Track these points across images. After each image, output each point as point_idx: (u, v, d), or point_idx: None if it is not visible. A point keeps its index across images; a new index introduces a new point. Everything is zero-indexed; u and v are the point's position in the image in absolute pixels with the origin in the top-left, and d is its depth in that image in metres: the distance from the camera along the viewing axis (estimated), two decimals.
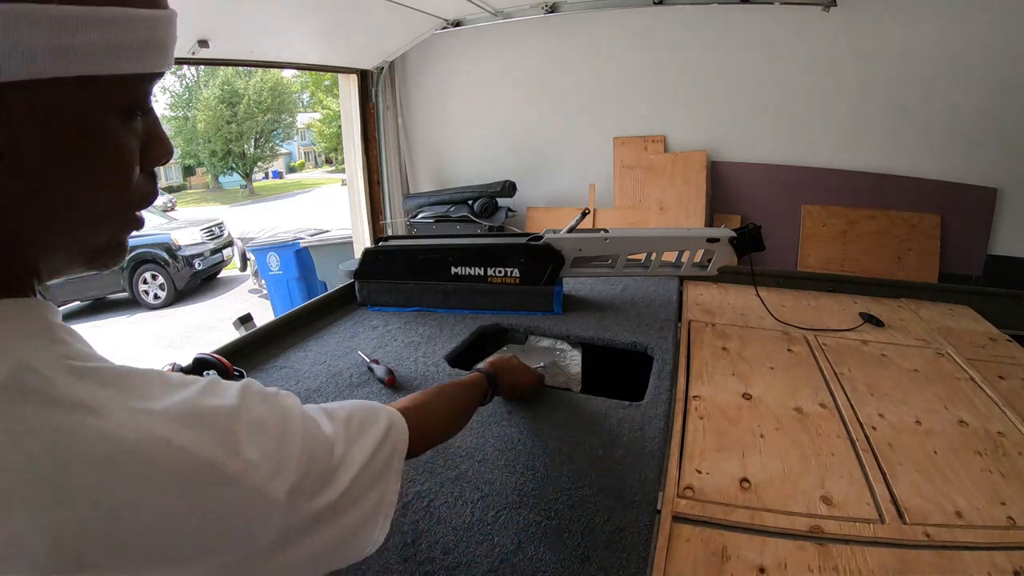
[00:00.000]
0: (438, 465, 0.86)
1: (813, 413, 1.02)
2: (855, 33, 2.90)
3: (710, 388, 1.10)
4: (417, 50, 3.60)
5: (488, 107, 3.87)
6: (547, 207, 3.81)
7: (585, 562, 0.68)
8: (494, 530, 0.73)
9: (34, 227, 0.31)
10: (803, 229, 3.20)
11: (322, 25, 2.79)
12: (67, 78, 0.28)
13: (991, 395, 1.10)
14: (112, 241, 0.36)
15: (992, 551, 0.71)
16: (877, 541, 0.72)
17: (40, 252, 0.33)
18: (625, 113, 3.53)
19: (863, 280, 1.76)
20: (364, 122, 3.64)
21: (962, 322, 1.52)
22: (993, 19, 2.65)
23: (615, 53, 3.44)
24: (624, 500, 0.78)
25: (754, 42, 3.12)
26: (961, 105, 2.82)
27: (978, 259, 2.95)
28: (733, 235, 1.39)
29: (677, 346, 1.28)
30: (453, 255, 1.45)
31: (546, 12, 3.08)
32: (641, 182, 3.51)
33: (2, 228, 0.30)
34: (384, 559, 0.69)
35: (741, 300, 1.61)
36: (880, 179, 3.06)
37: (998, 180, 2.87)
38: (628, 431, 0.93)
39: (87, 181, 0.32)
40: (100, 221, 0.34)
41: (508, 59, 3.69)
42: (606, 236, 1.42)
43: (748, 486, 0.83)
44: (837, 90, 3.04)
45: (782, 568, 0.68)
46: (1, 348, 0.28)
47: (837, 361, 1.23)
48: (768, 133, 3.23)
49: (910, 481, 0.84)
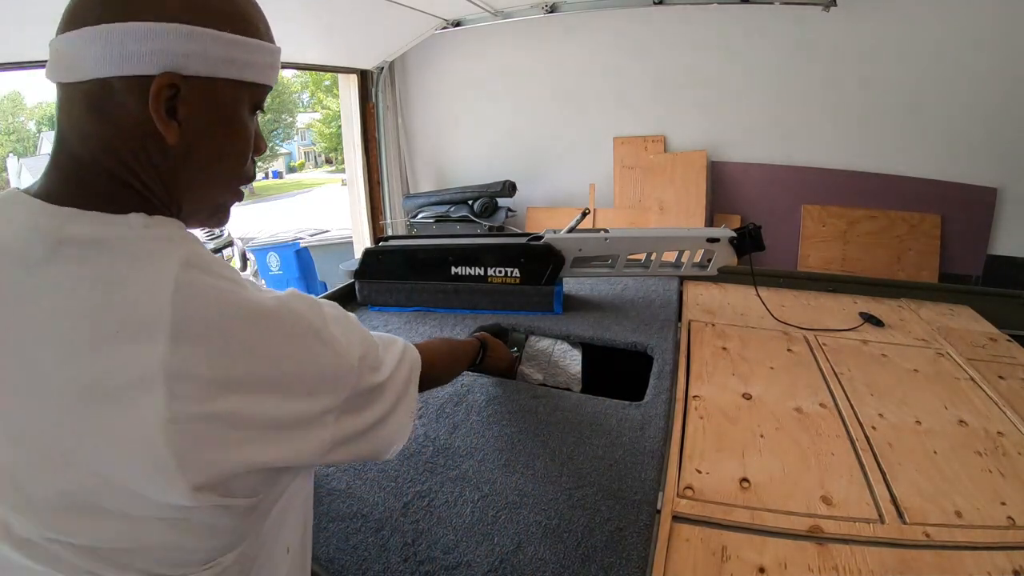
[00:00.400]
0: (438, 465, 0.86)
1: (813, 413, 1.02)
2: (855, 33, 2.90)
3: (710, 388, 1.10)
4: (417, 50, 3.59)
5: (488, 107, 3.87)
6: (547, 207, 3.81)
7: (585, 562, 0.68)
8: (494, 530, 0.73)
9: (184, 184, 0.44)
10: (803, 229, 3.20)
11: (322, 25, 2.79)
12: (229, 79, 0.43)
13: (991, 395, 1.10)
14: (227, 203, 0.50)
15: (992, 551, 0.71)
16: (877, 541, 0.72)
17: (182, 204, 0.45)
18: (625, 113, 3.53)
19: (863, 280, 1.76)
20: (364, 122, 3.63)
21: (962, 322, 1.52)
22: (993, 18, 2.65)
23: (615, 53, 3.44)
24: (624, 500, 0.78)
25: (754, 42, 3.12)
26: (961, 105, 2.82)
27: (978, 259, 2.95)
28: (733, 235, 1.39)
29: (677, 346, 1.28)
30: (453, 255, 1.45)
31: (546, 12, 3.08)
32: (641, 182, 3.51)
33: (163, 188, 0.43)
34: (384, 558, 0.69)
35: (741, 300, 1.61)
36: (880, 179, 3.06)
37: (998, 180, 2.87)
38: (628, 431, 0.93)
39: (225, 155, 0.46)
40: (225, 186, 0.48)
41: (508, 59, 3.69)
42: (606, 236, 1.42)
43: (748, 486, 0.83)
44: (837, 90, 3.04)
45: (782, 568, 0.68)
46: (177, 241, 0.41)
47: (837, 361, 1.23)
48: (768, 133, 3.23)
49: (910, 481, 0.84)
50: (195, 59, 0.40)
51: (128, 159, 0.41)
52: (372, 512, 0.77)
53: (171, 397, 0.35)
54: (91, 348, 0.35)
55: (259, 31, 0.44)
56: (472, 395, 1.05)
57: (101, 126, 0.40)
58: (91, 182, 0.41)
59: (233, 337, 0.38)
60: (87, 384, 0.35)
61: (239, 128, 0.45)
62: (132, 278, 0.37)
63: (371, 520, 0.76)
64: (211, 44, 0.40)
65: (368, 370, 0.48)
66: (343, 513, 0.77)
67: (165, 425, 0.35)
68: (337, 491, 0.81)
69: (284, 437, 0.40)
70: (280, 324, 0.41)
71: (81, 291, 0.36)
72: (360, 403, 0.48)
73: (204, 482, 0.36)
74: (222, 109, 0.43)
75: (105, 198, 0.40)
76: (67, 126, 0.41)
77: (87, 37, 0.38)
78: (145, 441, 0.35)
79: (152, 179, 0.42)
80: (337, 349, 0.45)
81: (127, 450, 0.35)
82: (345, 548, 0.71)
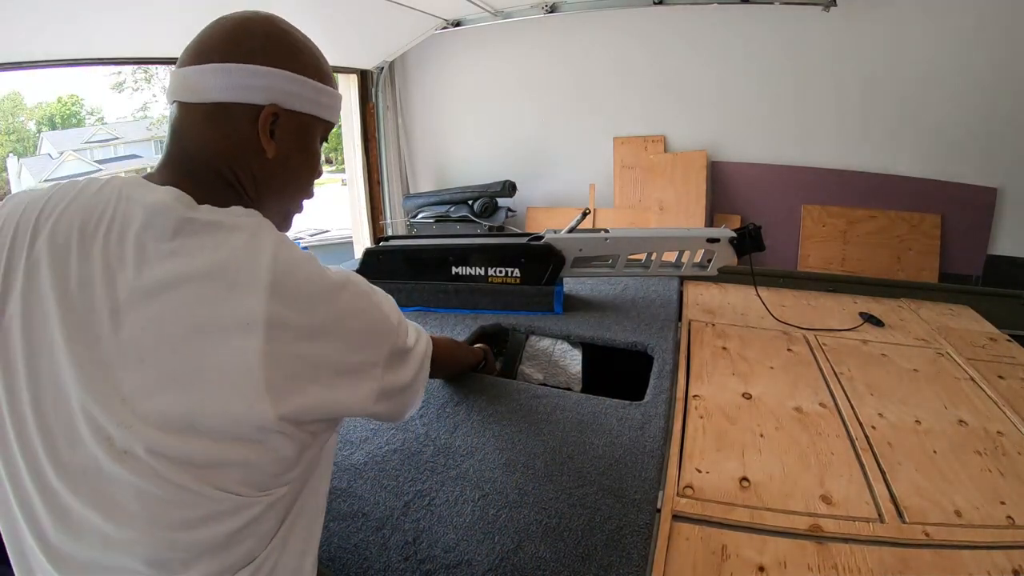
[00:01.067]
0: (439, 464, 0.86)
1: (813, 413, 1.03)
2: (855, 33, 2.90)
3: (710, 388, 1.10)
4: (417, 50, 3.59)
5: (488, 107, 3.87)
6: (547, 207, 3.81)
7: (585, 561, 0.68)
8: (495, 529, 0.73)
9: (270, 190, 0.57)
10: (803, 229, 3.20)
11: (322, 25, 2.79)
12: (312, 115, 0.57)
13: (991, 395, 1.10)
14: (293, 211, 0.62)
15: (991, 550, 0.71)
16: (876, 540, 0.73)
17: (266, 206, 0.55)
18: (625, 113, 3.52)
19: (863, 280, 1.77)
20: (364, 122, 3.63)
21: (962, 322, 1.52)
22: (993, 18, 2.65)
23: (615, 53, 3.43)
24: (624, 499, 0.78)
25: (754, 42, 3.11)
26: (961, 105, 2.82)
27: (978, 259, 2.94)
28: (733, 235, 1.39)
29: (677, 346, 1.28)
30: (453, 255, 1.45)
31: (546, 12, 3.07)
32: (641, 182, 3.51)
33: (256, 191, 0.56)
34: (385, 557, 0.70)
35: (741, 300, 1.61)
36: (880, 179, 3.05)
37: (998, 180, 2.86)
38: (628, 431, 0.93)
39: (301, 172, 0.59)
40: (294, 197, 0.61)
41: (508, 59, 3.69)
42: (606, 236, 1.42)
43: (748, 485, 0.83)
44: (837, 90, 3.03)
45: (781, 567, 0.68)
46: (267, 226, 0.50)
47: (837, 361, 1.23)
48: (768, 133, 3.23)
49: (910, 480, 0.84)
50: (293, 97, 0.54)
51: (235, 164, 0.54)
52: (373, 511, 0.77)
53: (268, 339, 0.44)
54: (210, 296, 0.45)
55: (333, 82, 0.60)
56: (472, 395, 1.05)
57: (217, 138, 0.53)
58: (203, 178, 0.52)
59: (314, 296, 0.48)
60: (203, 323, 0.44)
61: (313, 152, 0.60)
62: (241, 248, 0.47)
63: (372, 519, 0.76)
64: (305, 88, 0.55)
65: (402, 334, 0.58)
66: (344, 512, 0.77)
67: (262, 359, 0.44)
68: (338, 490, 0.81)
69: (346, 382, 0.50)
70: (344, 289, 0.51)
71: (203, 256, 0.46)
72: (396, 362, 0.57)
73: (286, 412, 0.45)
74: (305, 136, 0.57)
75: (212, 192, 0.51)
76: (183, 134, 0.53)
77: (214, 70, 0.51)
78: (246, 370, 0.44)
79: (249, 182, 0.55)
80: (384, 310, 0.55)
81: (229, 378, 0.44)
82: (346, 547, 0.72)
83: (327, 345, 0.48)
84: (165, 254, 0.46)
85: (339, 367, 0.49)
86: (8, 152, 14.84)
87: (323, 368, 0.48)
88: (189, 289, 0.45)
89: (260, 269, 0.46)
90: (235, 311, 0.44)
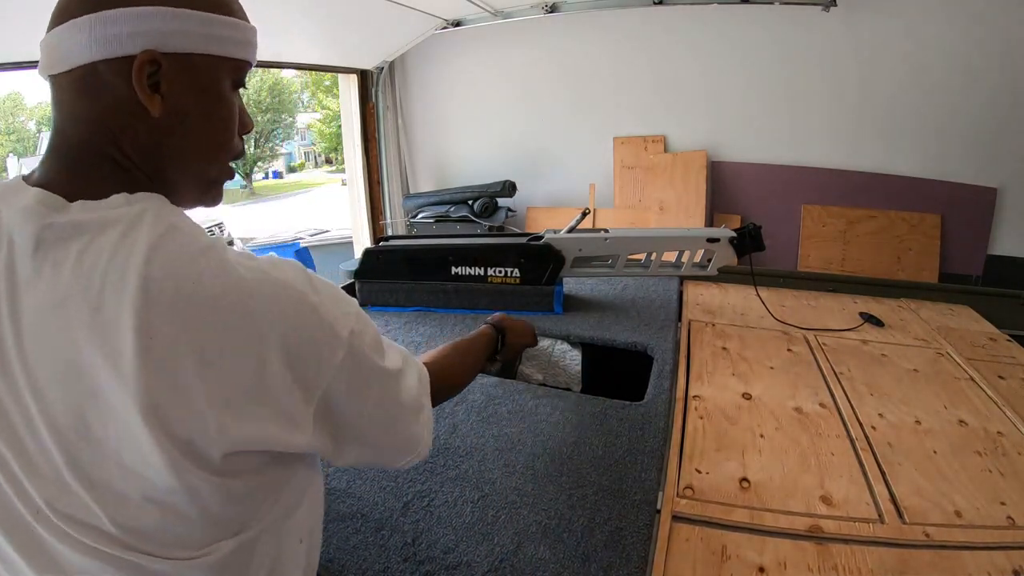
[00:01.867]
0: (438, 465, 0.86)
1: (813, 413, 1.02)
2: (855, 33, 2.90)
3: (710, 388, 1.10)
4: (417, 50, 3.59)
5: (488, 107, 3.87)
6: (547, 207, 3.81)
7: (585, 562, 0.68)
8: (494, 530, 0.73)
9: (169, 157, 0.45)
10: (803, 229, 3.20)
11: (322, 25, 2.79)
12: (207, 54, 0.45)
13: (991, 395, 1.10)
14: (219, 179, 0.50)
15: (991, 551, 0.71)
16: (876, 541, 0.73)
17: (171, 179, 0.46)
18: (625, 113, 3.52)
19: (863, 280, 1.77)
20: (364, 122, 3.63)
21: (962, 322, 1.52)
22: (993, 18, 2.65)
23: (615, 53, 3.43)
24: (624, 500, 0.78)
25: (754, 42, 3.11)
26: (961, 105, 2.82)
27: (978, 259, 2.94)
28: (733, 235, 1.39)
29: (677, 346, 1.28)
30: (453, 255, 1.45)
31: (546, 12, 3.07)
32: (641, 182, 3.51)
33: (150, 163, 0.45)
34: (384, 558, 0.69)
35: (741, 300, 1.61)
36: (880, 179, 3.05)
37: (998, 180, 2.86)
38: (628, 431, 0.93)
39: (209, 126, 0.47)
40: (212, 159, 0.49)
41: (508, 59, 3.69)
42: (606, 236, 1.42)
43: (748, 486, 0.83)
44: (837, 90, 3.03)
45: (781, 567, 0.68)
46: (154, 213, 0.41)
47: (837, 361, 1.23)
48: (768, 133, 3.23)
49: (910, 481, 0.84)
50: (173, 37, 0.42)
51: (116, 134, 0.43)
52: (372, 512, 0.77)
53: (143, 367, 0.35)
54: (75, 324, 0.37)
55: (232, 10, 0.47)
56: (472, 395, 1.05)
57: (90, 108, 0.43)
58: (83, 165, 0.43)
59: (207, 301, 0.38)
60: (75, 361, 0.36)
61: (220, 101, 0.47)
62: (107, 252, 0.38)
63: (371, 520, 0.76)
64: (187, 22, 0.43)
65: (366, 349, 0.47)
66: (343, 513, 0.77)
67: (139, 398, 0.35)
68: (337, 491, 0.81)
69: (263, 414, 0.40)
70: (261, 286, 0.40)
71: (65, 271, 0.38)
72: (362, 383, 0.46)
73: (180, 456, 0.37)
74: (202, 82, 0.46)
75: (94, 181, 0.42)
76: (60, 114, 0.44)
77: (71, 28, 0.41)
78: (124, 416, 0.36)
79: (138, 153, 0.44)
80: (324, 315, 0.43)
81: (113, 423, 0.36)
82: (345, 548, 0.71)
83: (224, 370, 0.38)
84: (29, 275, 0.38)
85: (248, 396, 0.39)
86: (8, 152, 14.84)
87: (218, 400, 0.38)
88: (54, 319, 0.37)
89: (128, 274, 0.37)
90: (104, 339, 0.36)
